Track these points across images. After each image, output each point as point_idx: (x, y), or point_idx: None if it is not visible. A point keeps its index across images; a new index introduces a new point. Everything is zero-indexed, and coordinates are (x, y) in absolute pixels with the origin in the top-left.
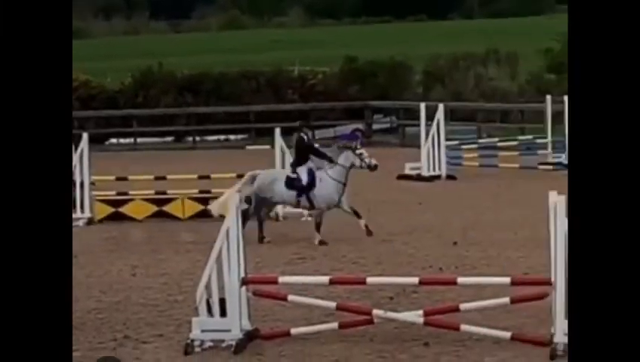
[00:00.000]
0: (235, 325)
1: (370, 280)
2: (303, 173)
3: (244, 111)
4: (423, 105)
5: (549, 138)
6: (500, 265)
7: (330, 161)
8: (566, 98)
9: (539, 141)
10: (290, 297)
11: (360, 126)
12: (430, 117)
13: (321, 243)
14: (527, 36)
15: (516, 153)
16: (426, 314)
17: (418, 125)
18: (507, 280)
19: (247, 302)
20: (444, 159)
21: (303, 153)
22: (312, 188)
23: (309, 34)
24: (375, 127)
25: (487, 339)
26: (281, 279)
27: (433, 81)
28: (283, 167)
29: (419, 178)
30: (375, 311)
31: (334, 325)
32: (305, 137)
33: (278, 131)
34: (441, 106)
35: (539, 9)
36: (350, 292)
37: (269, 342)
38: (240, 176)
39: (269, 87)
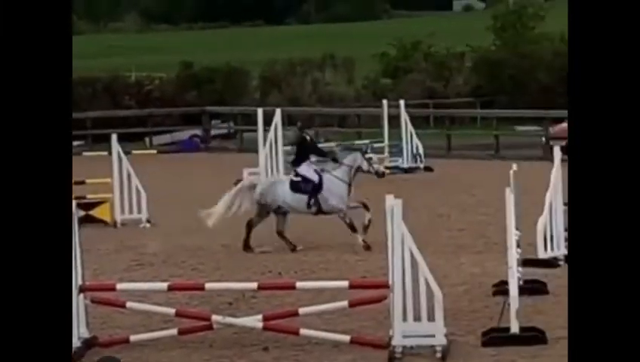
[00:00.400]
0: (74, 333)
1: (208, 285)
2: (308, 172)
3: (80, 117)
4: (260, 111)
5: (386, 142)
6: (339, 268)
7: (335, 160)
8: (402, 102)
9: (376, 145)
10: (129, 304)
11: (198, 132)
12: (268, 122)
13: (365, 245)
14: (364, 41)
15: None
16: (265, 319)
17: (256, 130)
18: (345, 283)
19: (85, 310)
20: (282, 164)
21: (304, 152)
22: (321, 190)
23: (146, 39)
24: (213, 132)
25: (327, 343)
26: (119, 286)
27: (270, 86)
28: (120, 173)
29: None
30: (214, 317)
31: (173, 331)
32: (308, 137)
33: (114, 137)
34: (278, 111)
35: (374, 14)
36: (189, 298)
37: (108, 350)
38: (79, 183)
39: (105, 93)
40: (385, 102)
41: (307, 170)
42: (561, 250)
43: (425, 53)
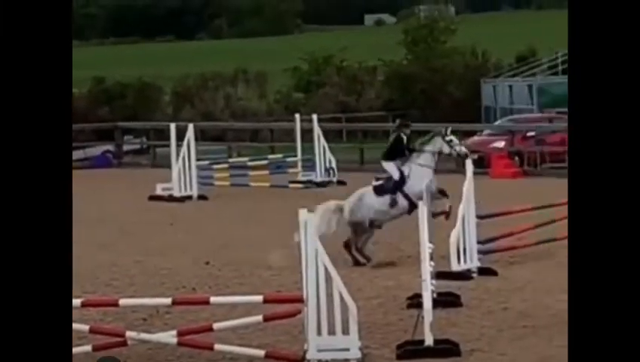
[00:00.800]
0: None
1: (122, 301)
2: (392, 170)
3: None
4: (173, 126)
5: (299, 156)
6: (253, 283)
7: (413, 150)
8: (315, 116)
9: (289, 159)
10: None
11: (110, 147)
12: (180, 137)
13: (448, 212)
14: (276, 56)
15: (267, 172)
16: (179, 335)
17: (169, 146)
18: (260, 298)
19: None
20: (195, 179)
21: (397, 153)
22: (405, 184)
23: None
24: (126, 148)
25: (241, 358)
26: None
27: (183, 101)
28: None
29: (170, 198)
30: (128, 333)
31: (87, 348)
32: (404, 138)
33: None
34: (191, 126)
35: (286, 29)
36: (103, 314)
37: None
38: None
39: None
40: (297, 116)
41: (391, 167)
42: (474, 263)
43: (337, 67)
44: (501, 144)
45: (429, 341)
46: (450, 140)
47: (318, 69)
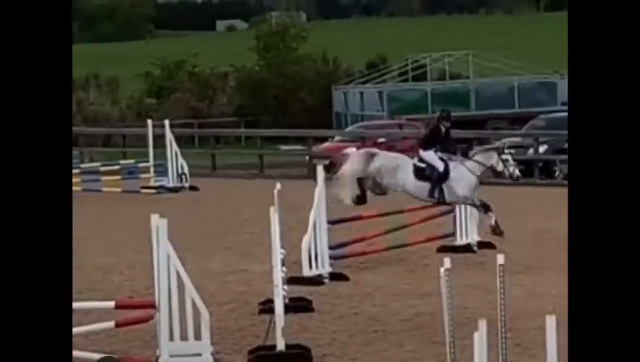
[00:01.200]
0: None
1: None
2: (433, 160)
3: None
4: None
5: (151, 162)
6: (105, 289)
7: (465, 155)
8: (167, 122)
9: (141, 165)
10: None
11: None
12: None
13: (498, 230)
14: (128, 61)
15: (119, 177)
16: None
17: None
18: (111, 304)
19: None
20: None
21: (433, 142)
22: (447, 178)
23: None
24: None
25: None
26: None
27: None
28: None
29: None
30: None
31: None
32: (444, 128)
33: None
34: None
35: (138, 34)
36: None
37: None
38: None
39: None
40: (149, 121)
41: (432, 156)
42: (325, 268)
43: (189, 72)
44: (352, 150)
45: (280, 346)
46: (507, 159)
47: (170, 75)
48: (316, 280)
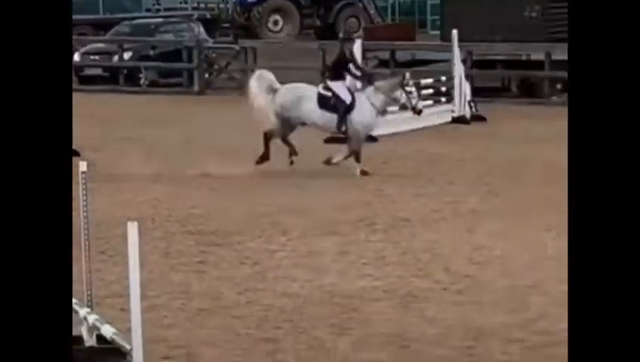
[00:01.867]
0: None
1: None
2: (340, 90)
3: None
4: None
5: None
6: None
7: (369, 82)
8: None
9: None
10: None
11: None
12: None
13: (363, 173)
14: None
15: None
16: None
17: None
18: None
19: None
20: None
21: (341, 68)
22: (351, 111)
23: None
24: None
25: None
26: None
27: None
28: None
29: None
30: None
31: None
32: (347, 51)
33: None
34: None
35: None
36: None
37: None
38: None
39: None
40: None
41: (340, 87)
42: None
43: None
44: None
45: None
46: (410, 92)
47: None
48: None
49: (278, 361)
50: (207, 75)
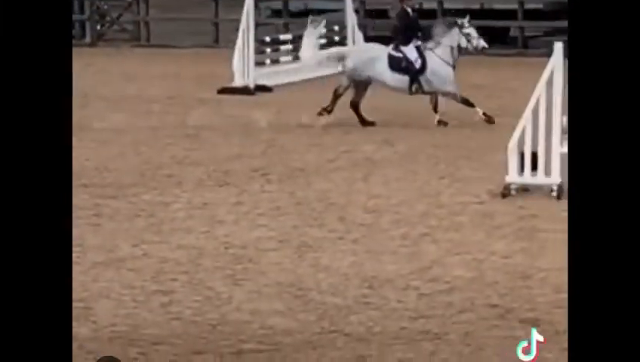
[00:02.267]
0: None
1: None
2: (410, 52)
3: None
4: None
5: None
6: None
7: (429, 37)
8: None
9: None
10: None
11: None
12: None
13: (487, 118)
14: None
15: None
16: None
17: None
18: None
19: None
20: None
21: (408, 30)
22: (425, 71)
23: None
24: None
25: None
26: None
27: None
28: None
29: None
30: None
31: None
32: (410, 10)
33: None
34: None
35: None
36: None
37: None
38: None
39: None
40: None
41: (410, 49)
42: None
43: None
44: None
45: None
46: (468, 33)
47: None
48: None
49: (174, 313)
50: (99, 27)
